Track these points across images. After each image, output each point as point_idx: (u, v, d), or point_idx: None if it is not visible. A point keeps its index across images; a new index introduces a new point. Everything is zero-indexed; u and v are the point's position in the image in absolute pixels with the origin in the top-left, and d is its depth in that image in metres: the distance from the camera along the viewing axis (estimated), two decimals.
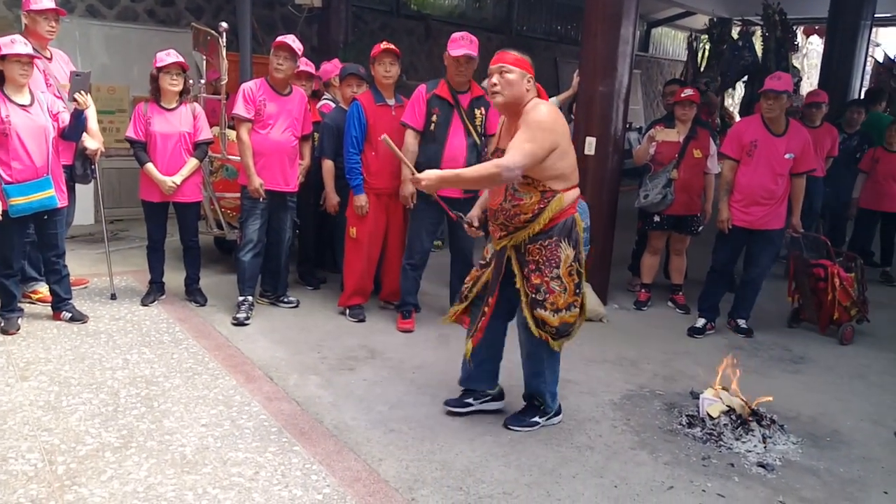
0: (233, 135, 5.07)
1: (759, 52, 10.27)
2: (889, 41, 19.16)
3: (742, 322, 5.16)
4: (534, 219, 3.19)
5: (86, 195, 6.21)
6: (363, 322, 4.89)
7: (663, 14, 15.46)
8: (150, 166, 4.74)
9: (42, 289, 4.82)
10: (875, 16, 9.57)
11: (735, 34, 11.23)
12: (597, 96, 5.25)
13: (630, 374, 4.27)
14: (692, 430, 3.54)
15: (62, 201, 4.40)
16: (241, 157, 4.74)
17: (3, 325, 4.29)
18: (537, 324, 3.26)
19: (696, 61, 10.96)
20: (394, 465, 3.09)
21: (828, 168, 6.58)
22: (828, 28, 9.85)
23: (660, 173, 5.35)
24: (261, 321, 4.77)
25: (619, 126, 5.39)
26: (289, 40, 4.67)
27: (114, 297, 5.02)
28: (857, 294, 5.11)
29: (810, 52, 19.28)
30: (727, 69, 10.20)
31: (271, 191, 4.76)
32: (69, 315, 4.53)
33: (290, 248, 5.16)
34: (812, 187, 5.68)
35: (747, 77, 10.33)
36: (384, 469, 3.06)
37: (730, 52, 10.19)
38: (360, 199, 4.72)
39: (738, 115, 10.97)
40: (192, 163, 4.84)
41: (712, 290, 5.14)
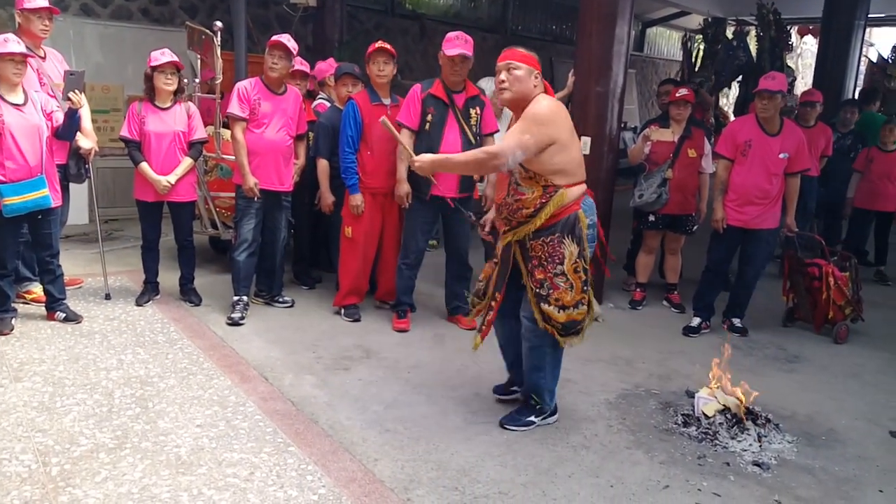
0: (227, 134, 5.06)
1: (753, 52, 10.29)
2: (883, 41, 19.20)
3: (737, 321, 5.17)
4: (535, 214, 3.20)
5: (80, 195, 6.17)
6: (358, 322, 4.88)
7: (658, 14, 15.49)
8: (144, 166, 4.72)
9: (36, 289, 4.80)
10: (869, 16, 9.60)
11: (729, 34, 11.26)
12: (592, 96, 5.26)
13: (625, 374, 4.28)
14: (688, 430, 3.55)
15: (56, 201, 4.38)
16: (235, 157, 4.74)
17: None
18: (544, 318, 3.27)
19: (691, 61, 10.98)
20: (389, 466, 3.09)
21: (822, 167, 6.61)
22: (822, 28, 9.88)
23: (655, 173, 5.36)
24: (256, 321, 4.76)
25: (614, 125, 5.39)
26: (284, 39, 4.66)
27: (108, 297, 5.01)
28: (851, 293, 5.12)
29: (805, 51, 19.36)
30: (722, 69, 10.22)
31: (266, 190, 4.75)
32: (63, 315, 4.51)
33: (285, 247, 5.15)
34: (806, 187, 5.70)
35: (742, 77, 10.37)
36: (380, 469, 3.05)
37: (724, 51, 10.22)
38: (356, 199, 4.71)
39: (732, 115, 11.00)
40: (187, 162, 4.82)
41: (707, 290, 5.15)
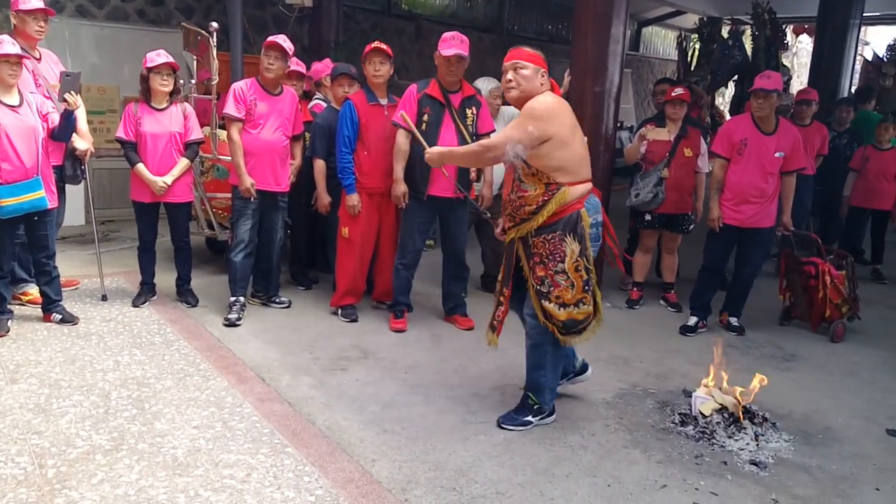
0: (224, 135, 5.05)
1: (748, 51, 10.31)
2: (878, 40, 19.28)
3: (734, 320, 5.18)
4: (538, 211, 3.22)
5: (76, 196, 6.17)
6: (355, 322, 4.88)
7: (653, 13, 15.52)
8: (140, 167, 4.71)
9: (32, 290, 4.79)
10: (864, 14, 9.63)
11: (725, 33, 11.27)
12: (588, 95, 5.26)
13: (622, 373, 4.28)
14: (685, 429, 3.55)
15: (52, 202, 4.37)
16: (231, 157, 4.73)
17: None
18: (545, 315, 3.29)
19: (687, 60, 10.99)
20: (387, 466, 3.08)
21: (818, 166, 6.62)
22: (817, 27, 9.89)
23: (651, 172, 5.36)
24: (252, 322, 4.76)
25: (611, 125, 5.39)
26: (279, 40, 4.65)
27: (105, 298, 5.00)
28: (847, 291, 5.13)
29: (800, 50, 19.40)
30: (717, 68, 10.24)
31: (262, 191, 4.74)
32: (59, 317, 4.50)
33: (281, 248, 5.14)
34: (802, 185, 5.70)
35: (737, 76, 10.38)
36: (377, 470, 3.05)
37: (720, 51, 10.23)
38: (353, 199, 4.71)
39: (728, 114, 11.01)
40: (183, 163, 4.82)
41: (704, 289, 5.15)
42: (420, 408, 3.66)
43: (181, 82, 4.94)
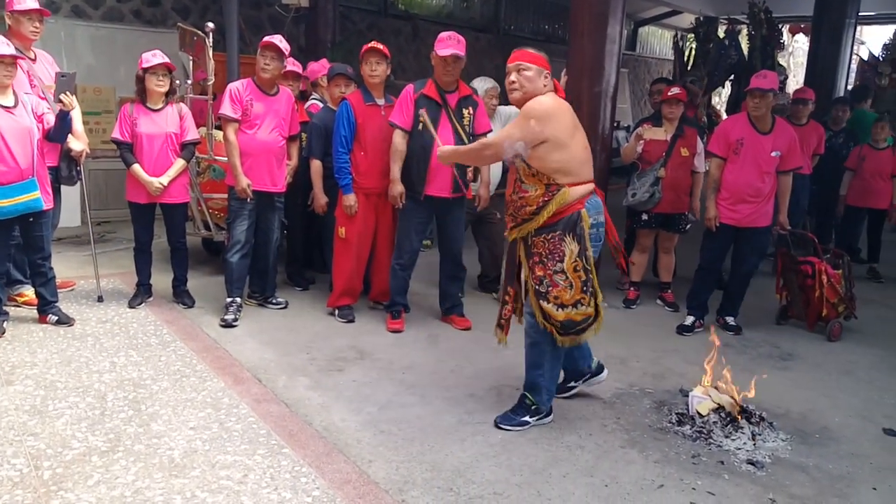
0: (220, 135, 5.04)
1: (745, 51, 10.31)
2: (874, 39, 19.31)
3: (731, 319, 5.18)
4: (538, 211, 3.24)
5: (72, 197, 6.15)
6: (352, 323, 4.87)
7: (650, 13, 15.53)
8: (136, 167, 4.70)
9: (28, 291, 4.78)
10: (860, 14, 9.65)
11: (721, 33, 11.27)
12: (584, 95, 5.25)
13: (619, 373, 4.28)
14: (682, 428, 3.55)
15: (48, 203, 4.36)
16: (228, 158, 4.72)
17: None
18: (543, 315, 3.30)
19: (683, 60, 11.00)
20: (384, 467, 3.08)
21: (814, 165, 6.63)
22: (813, 26, 9.91)
23: (647, 172, 5.36)
24: (249, 323, 4.75)
25: (607, 125, 5.39)
26: (276, 40, 4.65)
27: (100, 299, 4.98)
28: (844, 291, 5.13)
29: (796, 50, 19.44)
30: (714, 68, 10.23)
31: (259, 191, 4.73)
32: (55, 318, 4.49)
33: (278, 248, 5.14)
34: (799, 185, 5.71)
35: (734, 75, 10.38)
36: (374, 470, 3.05)
37: (716, 50, 10.23)
38: (350, 199, 4.70)
39: (724, 114, 11.02)
40: (179, 163, 4.81)
41: (701, 288, 5.15)
42: (417, 408, 3.65)
43: (177, 83, 4.93)
